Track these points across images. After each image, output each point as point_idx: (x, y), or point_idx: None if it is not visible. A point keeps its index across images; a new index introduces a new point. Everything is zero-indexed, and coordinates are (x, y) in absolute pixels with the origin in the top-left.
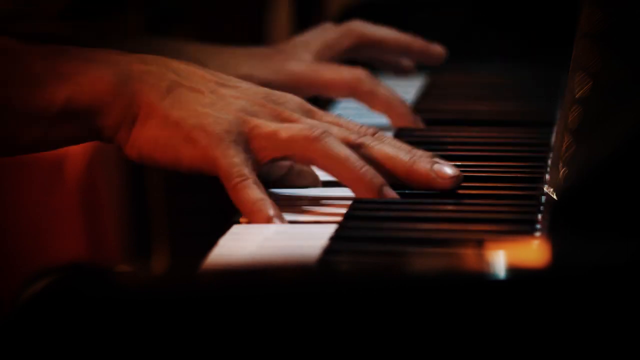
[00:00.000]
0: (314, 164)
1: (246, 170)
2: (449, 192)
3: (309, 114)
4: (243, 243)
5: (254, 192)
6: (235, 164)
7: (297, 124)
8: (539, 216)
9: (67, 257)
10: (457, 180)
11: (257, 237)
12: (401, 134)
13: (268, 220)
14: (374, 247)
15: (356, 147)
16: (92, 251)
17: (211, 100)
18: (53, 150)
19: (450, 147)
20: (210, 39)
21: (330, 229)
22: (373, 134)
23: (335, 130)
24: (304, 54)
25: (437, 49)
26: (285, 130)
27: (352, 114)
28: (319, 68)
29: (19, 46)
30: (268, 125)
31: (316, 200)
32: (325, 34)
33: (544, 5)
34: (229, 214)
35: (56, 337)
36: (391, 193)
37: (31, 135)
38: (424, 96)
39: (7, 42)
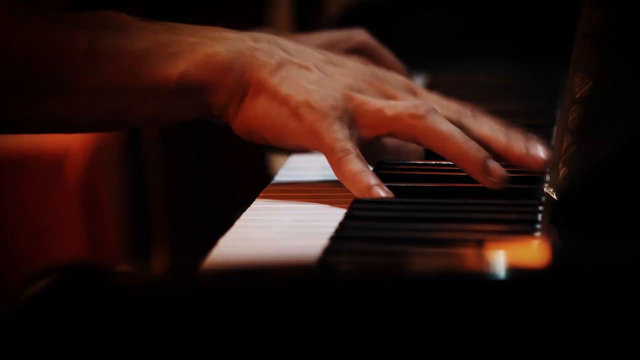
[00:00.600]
0: (418, 141)
1: (349, 145)
2: (449, 192)
3: (413, 93)
4: (243, 243)
5: (355, 165)
6: (338, 139)
7: (402, 101)
8: (539, 216)
9: (67, 257)
10: (549, 162)
11: (258, 237)
12: None
13: (369, 189)
14: (374, 247)
15: (459, 119)
16: (92, 251)
17: (318, 77)
18: (164, 124)
19: None
20: None
21: (330, 229)
22: (472, 114)
23: (437, 105)
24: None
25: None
26: (390, 107)
27: None
28: None
29: (133, 22)
30: (374, 102)
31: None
32: (330, 33)
33: (544, 5)
34: (229, 214)
35: (56, 337)
36: (495, 165)
37: (144, 110)
38: None
39: (121, 16)
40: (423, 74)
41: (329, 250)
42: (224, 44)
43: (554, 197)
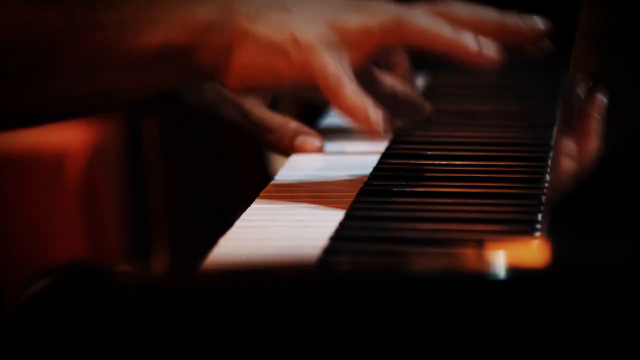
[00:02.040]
0: (409, 44)
1: (340, 70)
2: (448, 192)
3: (396, 8)
4: (243, 243)
5: (352, 92)
6: (329, 67)
7: (380, 10)
8: (539, 216)
9: (67, 257)
10: (549, 29)
11: (258, 237)
12: (401, 134)
13: (367, 117)
14: (374, 247)
15: (443, 12)
16: (92, 251)
17: (298, 12)
18: (156, 95)
19: (450, 147)
20: None
21: (330, 229)
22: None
23: (419, 12)
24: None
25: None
26: (371, 19)
27: None
28: None
29: None
30: (356, 21)
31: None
32: None
33: (544, 5)
34: (229, 214)
35: (56, 337)
36: (490, 50)
37: (131, 83)
38: (424, 96)
39: None
40: (423, 74)
41: (329, 250)
42: (201, 4)
43: (554, 197)
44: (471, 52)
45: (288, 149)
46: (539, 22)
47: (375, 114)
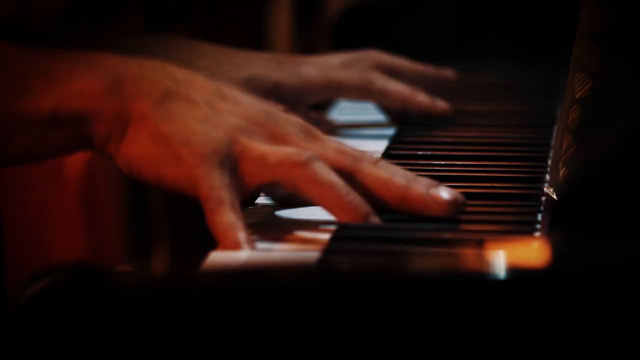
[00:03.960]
0: (298, 190)
1: (225, 195)
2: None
3: (311, 138)
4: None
5: (227, 217)
6: (214, 187)
7: (290, 147)
8: (539, 216)
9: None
10: (456, 205)
11: (258, 237)
12: (402, 134)
13: (237, 245)
14: (374, 247)
15: (351, 173)
16: (92, 251)
17: (205, 114)
18: (44, 160)
19: (450, 147)
20: (211, 39)
21: (330, 229)
22: (373, 161)
23: (330, 154)
24: (319, 62)
25: (448, 72)
26: (273, 154)
27: (354, 111)
28: (331, 71)
29: (8, 49)
30: (258, 148)
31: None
32: (344, 55)
33: (544, 5)
34: None
35: (56, 337)
36: (376, 222)
37: (20, 144)
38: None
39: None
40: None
41: (329, 250)
42: (104, 70)
43: (554, 197)
44: (356, 218)
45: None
46: (444, 192)
47: (242, 240)
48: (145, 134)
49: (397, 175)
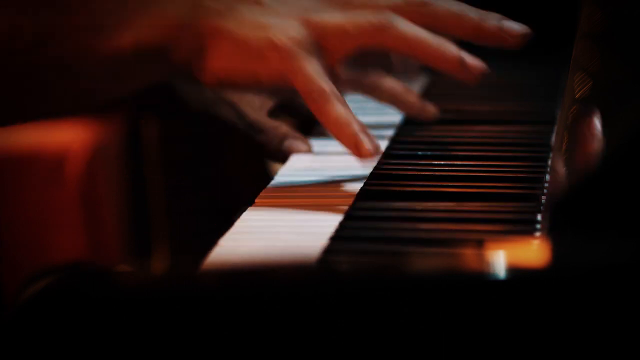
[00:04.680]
0: (388, 49)
1: (324, 83)
2: (448, 192)
3: None
4: (243, 243)
5: (336, 107)
6: (311, 78)
7: (361, 11)
8: (539, 216)
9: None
10: (527, 37)
11: (257, 237)
12: (402, 133)
13: (354, 135)
14: (374, 247)
15: (421, 6)
16: (92, 251)
17: (273, 9)
18: (131, 92)
19: (450, 147)
20: None
21: (330, 229)
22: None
23: (401, 4)
24: None
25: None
26: (351, 23)
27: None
28: None
29: None
30: (334, 22)
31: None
32: None
33: (544, 5)
34: (229, 214)
35: (56, 337)
36: (471, 60)
37: (107, 83)
38: (424, 96)
39: None
40: (423, 73)
41: (329, 250)
42: (171, 3)
43: (554, 197)
44: (455, 67)
45: (277, 150)
46: (518, 28)
47: (362, 133)
48: (225, 44)
49: (469, 10)
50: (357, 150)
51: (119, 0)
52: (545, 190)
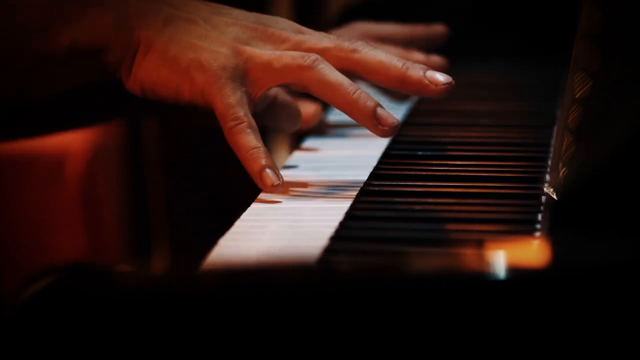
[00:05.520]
0: (308, 90)
1: (242, 112)
2: (448, 192)
3: (299, 31)
4: (243, 243)
5: (249, 138)
6: (231, 105)
7: (289, 51)
8: (539, 216)
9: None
10: (450, 88)
11: (257, 237)
12: (402, 134)
13: (260, 168)
14: (374, 247)
15: (350, 52)
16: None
17: (206, 31)
18: (62, 90)
19: (450, 147)
20: None
21: (330, 229)
22: (366, 44)
23: (325, 41)
24: None
25: (438, 28)
26: (278, 59)
27: None
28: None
29: None
30: (262, 55)
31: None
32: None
33: (544, 5)
34: (229, 214)
35: (56, 337)
36: (385, 114)
37: (42, 77)
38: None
39: None
40: None
41: (329, 250)
42: (110, 8)
43: (554, 197)
44: (367, 119)
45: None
46: (441, 78)
47: (267, 172)
48: (155, 56)
49: (394, 58)
50: (261, 182)
51: (58, 7)
52: (545, 190)
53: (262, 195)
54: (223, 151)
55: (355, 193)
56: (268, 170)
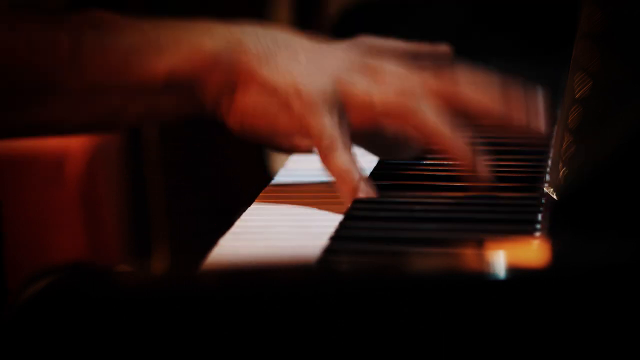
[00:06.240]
0: (406, 131)
1: (336, 133)
2: (449, 192)
3: (406, 67)
4: (243, 243)
5: (342, 157)
6: (325, 125)
7: (389, 85)
8: (539, 216)
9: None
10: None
11: (258, 237)
12: None
13: (354, 189)
14: (374, 247)
15: (452, 90)
16: (92, 251)
17: (306, 61)
18: (161, 122)
19: None
20: None
21: (330, 229)
22: (470, 83)
23: (432, 83)
24: None
25: (443, 48)
26: (379, 97)
27: None
28: None
29: (117, 19)
30: (362, 88)
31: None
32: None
33: (544, 5)
34: (229, 214)
35: (56, 337)
36: (481, 165)
37: (135, 109)
38: None
39: (105, 15)
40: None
41: (329, 250)
42: (210, 37)
43: (554, 197)
44: (462, 160)
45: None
46: (542, 125)
47: (359, 181)
48: (255, 89)
49: (496, 100)
50: (353, 196)
51: (156, 25)
52: (545, 190)
53: (262, 195)
54: (223, 151)
55: None
56: (363, 187)
